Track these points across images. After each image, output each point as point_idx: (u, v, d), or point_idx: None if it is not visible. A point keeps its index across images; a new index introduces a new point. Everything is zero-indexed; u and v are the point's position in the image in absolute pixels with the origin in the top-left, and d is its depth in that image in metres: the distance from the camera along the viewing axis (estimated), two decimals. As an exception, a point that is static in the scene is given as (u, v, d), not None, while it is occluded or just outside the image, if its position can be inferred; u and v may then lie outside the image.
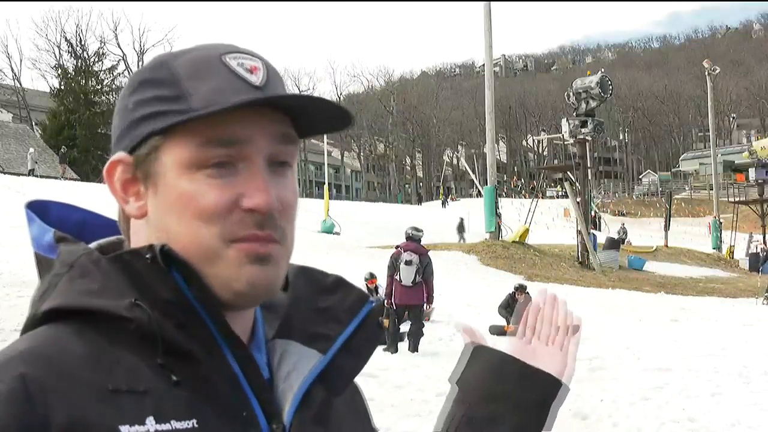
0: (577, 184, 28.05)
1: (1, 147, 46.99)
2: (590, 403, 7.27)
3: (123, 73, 67.29)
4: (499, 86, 59.97)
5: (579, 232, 26.55)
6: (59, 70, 62.87)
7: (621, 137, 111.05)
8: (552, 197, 70.54)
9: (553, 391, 0.97)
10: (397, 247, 11.17)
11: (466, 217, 36.75)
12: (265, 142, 0.75)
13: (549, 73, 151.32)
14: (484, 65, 29.28)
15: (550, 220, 48.23)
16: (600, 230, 33.85)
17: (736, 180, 59.15)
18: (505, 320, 12.73)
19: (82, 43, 65.05)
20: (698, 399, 7.54)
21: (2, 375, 0.66)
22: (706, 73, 44.54)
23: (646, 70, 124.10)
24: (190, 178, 0.74)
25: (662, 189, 73.72)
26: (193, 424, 0.70)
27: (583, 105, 28.11)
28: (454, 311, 14.02)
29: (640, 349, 10.68)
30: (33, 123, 62.32)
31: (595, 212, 35.19)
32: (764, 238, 39.40)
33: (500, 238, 26.29)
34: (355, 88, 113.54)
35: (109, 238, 0.84)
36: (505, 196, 57.28)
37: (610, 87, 28.89)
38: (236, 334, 0.75)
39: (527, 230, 27.65)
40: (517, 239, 26.73)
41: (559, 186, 67.38)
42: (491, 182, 26.65)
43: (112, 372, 0.69)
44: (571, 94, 28.64)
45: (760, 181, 43.77)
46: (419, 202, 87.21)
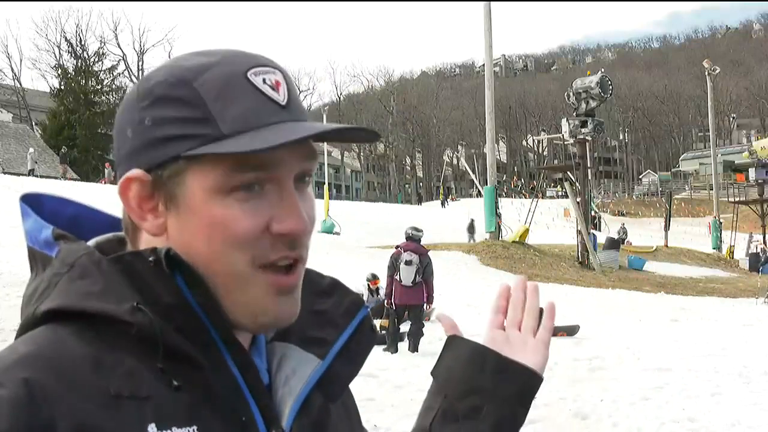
0: (577, 184, 28.04)
1: (1, 147, 46.99)
2: (590, 403, 7.27)
3: (123, 73, 67.50)
4: (499, 86, 59.97)
5: (579, 232, 26.54)
6: (59, 70, 62.94)
7: (621, 137, 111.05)
8: (552, 197, 70.51)
9: (530, 383, 0.94)
10: (397, 247, 11.17)
11: (468, 218, 36.71)
12: (295, 164, 0.74)
13: (549, 73, 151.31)
14: (484, 65, 29.27)
15: (550, 220, 48.22)
16: (600, 230, 33.83)
17: (736, 180, 59.17)
18: None
19: (82, 43, 65.16)
20: (698, 399, 7.54)
21: (5, 380, 0.64)
22: (706, 73, 44.53)
23: (646, 70, 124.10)
24: (220, 203, 0.72)
25: (662, 189, 73.72)
26: (194, 430, 0.70)
27: (583, 105, 28.11)
28: (454, 311, 14.01)
29: (640, 349, 10.68)
30: (33, 123, 62.30)
31: (595, 212, 35.17)
32: (764, 238, 39.40)
33: (500, 238, 26.29)
34: (355, 88, 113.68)
35: (106, 235, 0.82)
36: (505, 196, 57.24)
37: (610, 87, 28.88)
38: (238, 340, 0.75)
39: (527, 230, 27.64)
40: (517, 239, 26.73)
41: (559, 186, 67.34)
42: (491, 182, 26.64)
43: (114, 377, 0.68)
44: (571, 94, 28.63)
45: (760, 181, 43.76)
46: (419, 202, 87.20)
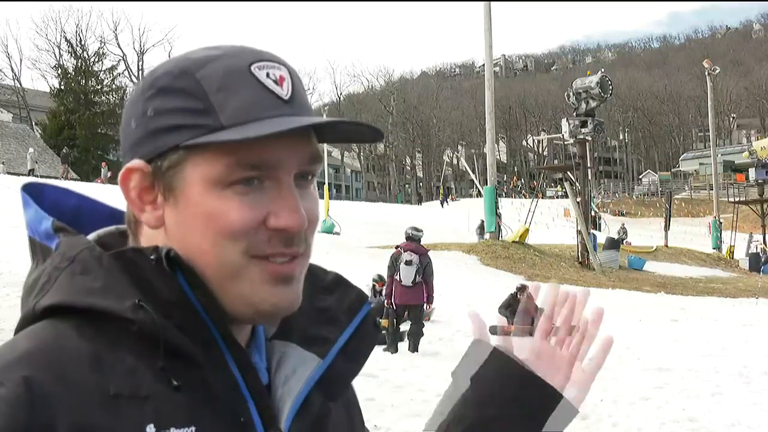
0: (577, 184, 28.04)
1: (1, 147, 47.00)
2: (590, 403, 7.26)
3: (123, 73, 67.57)
4: (499, 86, 59.96)
5: (579, 232, 26.54)
6: (59, 70, 62.95)
7: (621, 137, 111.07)
8: (552, 197, 70.55)
9: (570, 417, 0.92)
10: (397, 247, 11.17)
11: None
12: (293, 163, 0.74)
13: (549, 73, 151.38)
14: (484, 65, 29.26)
15: (550, 220, 48.20)
16: (600, 230, 33.79)
17: (736, 180, 59.19)
18: (505, 320, 12.74)
19: (82, 43, 65.19)
20: (698, 399, 7.54)
21: (5, 378, 0.64)
22: (706, 73, 44.54)
23: (646, 70, 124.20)
24: (217, 195, 0.72)
25: (662, 189, 73.78)
26: (193, 431, 0.69)
27: (583, 105, 28.10)
28: (454, 311, 14.01)
29: (641, 349, 10.68)
30: (33, 123, 62.28)
31: (595, 212, 35.13)
32: (764, 238, 39.42)
33: (500, 238, 26.28)
34: (355, 88, 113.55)
35: (107, 228, 0.82)
36: (505, 196, 57.25)
37: (610, 87, 28.88)
38: (237, 340, 0.74)
39: (527, 230, 27.63)
40: (517, 239, 26.72)
41: (559, 186, 67.41)
42: (491, 182, 26.63)
43: (113, 375, 0.68)
44: (571, 94, 28.63)
45: (760, 181, 43.80)
46: (419, 202, 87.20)
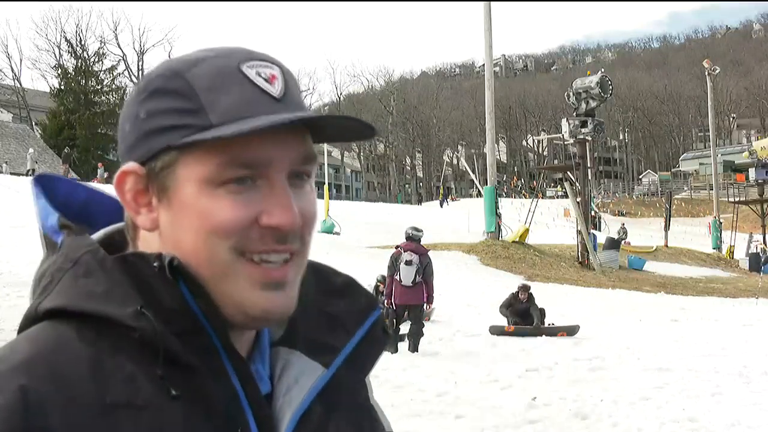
0: (577, 184, 28.05)
1: (1, 147, 47.01)
2: (590, 403, 7.26)
3: (123, 73, 67.52)
4: (499, 86, 59.93)
5: (579, 232, 26.55)
6: (59, 70, 62.92)
7: (621, 137, 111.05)
8: (552, 197, 70.53)
9: None
10: (397, 247, 11.17)
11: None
12: (286, 162, 0.73)
13: (549, 73, 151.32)
14: (484, 65, 29.27)
15: (550, 220, 48.20)
16: (600, 230, 33.77)
17: (736, 180, 59.22)
18: (506, 319, 12.76)
19: (82, 43, 65.16)
20: (698, 399, 7.53)
21: (2, 386, 0.65)
22: (706, 73, 44.56)
23: (646, 70, 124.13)
24: (209, 194, 0.71)
25: (662, 189, 73.77)
26: None
27: (583, 105, 28.12)
28: (454, 311, 14.02)
29: (641, 349, 10.68)
30: (33, 123, 62.31)
31: (595, 212, 35.11)
32: (764, 238, 39.42)
33: (500, 238, 26.28)
34: (355, 88, 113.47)
35: (116, 225, 0.82)
36: (505, 196, 57.24)
37: (610, 87, 28.89)
38: (237, 350, 0.73)
39: (527, 230, 27.63)
40: (517, 239, 26.72)
41: (559, 186, 67.39)
42: (491, 182, 26.63)
43: (111, 383, 0.68)
44: (571, 94, 28.64)
45: (760, 181, 43.84)
46: (419, 202, 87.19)
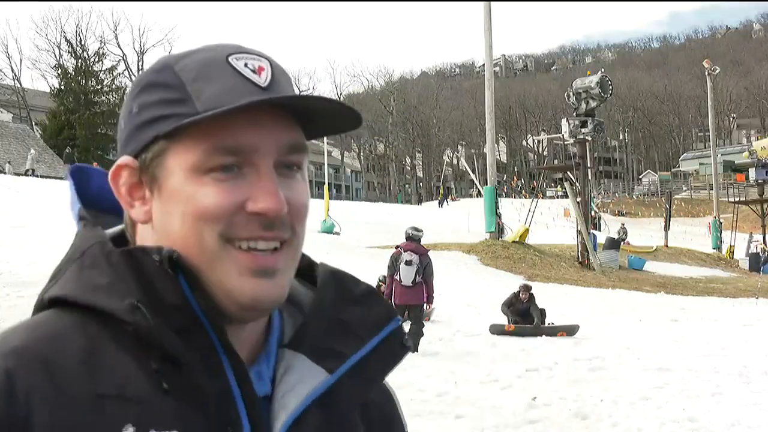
0: (577, 184, 28.04)
1: (1, 147, 47.01)
2: (590, 403, 7.26)
3: (123, 73, 67.38)
4: (499, 86, 59.93)
5: (579, 232, 26.55)
6: (59, 70, 62.85)
7: (621, 137, 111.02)
8: (552, 197, 70.52)
9: None
10: (397, 247, 11.17)
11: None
12: (272, 149, 0.73)
13: (549, 73, 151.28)
14: (484, 65, 29.26)
15: (550, 220, 48.19)
16: (600, 230, 33.77)
17: (736, 180, 59.20)
18: (506, 318, 12.75)
19: (82, 43, 65.08)
20: (698, 399, 7.53)
21: None
22: (706, 73, 44.54)
23: (646, 70, 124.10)
24: (196, 181, 0.72)
25: (662, 189, 73.76)
26: None
27: (583, 105, 28.10)
28: (454, 311, 14.01)
29: (641, 349, 10.68)
30: (33, 123, 62.27)
31: (595, 212, 35.11)
32: (764, 238, 39.41)
33: (500, 238, 26.28)
34: (355, 88, 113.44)
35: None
36: (505, 196, 57.22)
37: (610, 87, 28.88)
38: (233, 348, 0.73)
39: (527, 230, 27.62)
40: (517, 239, 26.72)
41: (559, 186, 67.37)
42: (491, 182, 26.63)
43: (103, 375, 0.68)
44: (571, 94, 28.63)
45: (760, 181, 43.82)
46: (419, 202, 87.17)
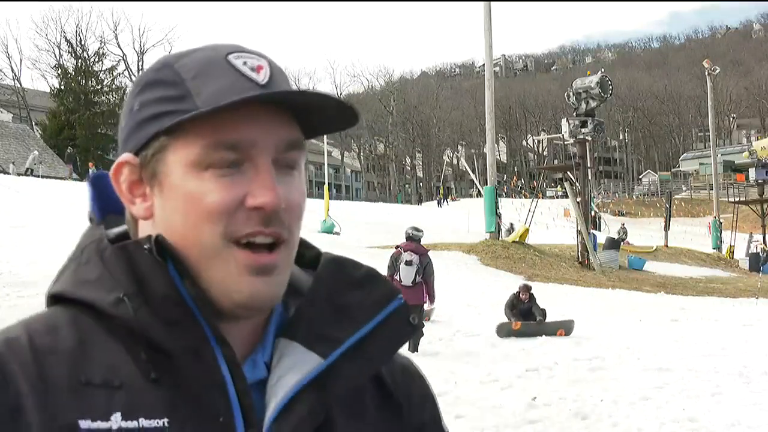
0: (577, 184, 28.03)
1: (2, 147, 47.01)
2: (590, 403, 7.26)
3: (123, 73, 67.41)
4: (499, 86, 59.91)
5: (579, 232, 26.54)
6: (59, 70, 62.87)
7: (621, 137, 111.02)
8: (552, 197, 70.53)
9: None
10: (397, 247, 11.16)
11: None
12: (270, 145, 0.74)
13: (549, 73, 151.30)
14: (484, 65, 29.24)
15: (550, 220, 48.19)
16: (600, 230, 33.76)
17: (736, 180, 59.20)
18: (509, 320, 12.58)
19: (82, 43, 65.09)
20: (698, 399, 7.53)
21: None
22: (706, 73, 44.52)
23: (646, 70, 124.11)
24: (196, 177, 0.73)
25: (662, 189, 73.76)
26: (164, 423, 0.69)
27: (583, 105, 28.09)
28: (454, 311, 14.00)
29: (641, 349, 10.67)
30: (33, 123, 62.26)
31: (595, 212, 35.10)
32: (764, 238, 39.40)
33: (500, 238, 26.27)
34: (355, 88, 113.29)
35: None
36: (505, 196, 57.23)
37: (610, 87, 28.86)
38: (224, 336, 0.73)
39: (527, 230, 27.61)
40: (517, 239, 26.71)
41: (559, 186, 67.37)
42: (491, 182, 26.60)
43: (91, 364, 0.70)
44: (571, 94, 28.62)
45: (760, 181, 43.80)
46: (419, 202, 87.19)
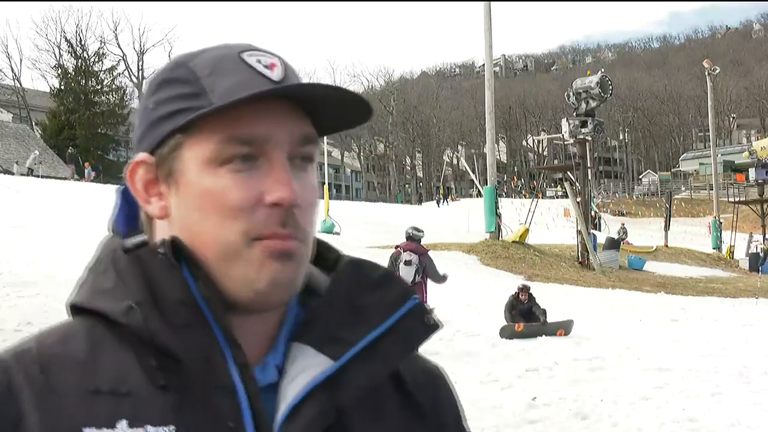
0: (577, 184, 28.02)
1: (2, 147, 47.01)
2: (590, 403, 7.26)
3: (123, 73, 67.52)
4: (499, 86, 59.90)
5: (579, 232, 26.53)
6: (59, 70, 62.89)
7: (621, 137, 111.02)
8: (552, 197, 70.53)
9: None
10: (396, 247, 11.18)
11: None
12: (285, 140, 0.75)
13: (549, 73, 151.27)
14: (484, 65, 29.24)
15: (550, 220, 48.19)
16: (600, 230, 33.73)
17: (736, 180, 59.20)
18: (511, 324, 12.46)
19: (82, 43, 65.11)
20: (698, 399, 7.53)
21: None
22: (706, 73, 44.51)
23: (646, 70, 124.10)
24: (212, 173, 0.73)
25: (662, 189, 73.75)
26: (171, 430, 0.69)
27: (583, 105, 28.08)
28: (454, 311, 14.00)
29: (641, 349, 10.66)
30: (33, 123, 62.26)
31: (595, 212, 35.08)
32: (764, 238, 39.40)
33: (500, 238, 26.26)
34: (355, 88, 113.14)
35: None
36: (505, 196, 57.23)
37: (610, 87, 28.85)
38: (237, 341, 0.73)
39: (527, 230, 27.60)
40: (517, 239, 26.70)
41: (559, 186, 67.38)
42: (491, 182, 26.60)
43: (99, 372, 0.70)
44: (571, 94, 28.61)
45: (760, 181, 43.80)
46: (419, 202, 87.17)
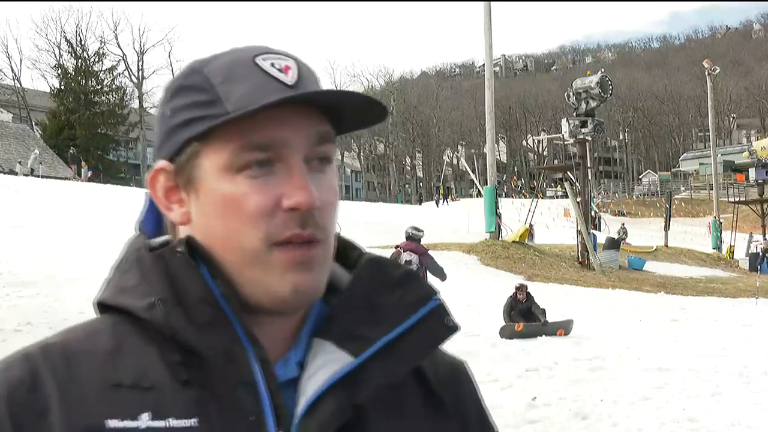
0: (577, 184, 28.02)
1: (2, 147, 47.01)
2: (590, 403, 7.26)
3: (123, 73, 67.44)
4: (499, 86, 59.90)
5: (579, 232, 26.53)
6: (59, 70, 62.94)
7: (621, 137, 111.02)
8: (552, 197, 70.53)
9: None
10: (396, 247, 11.17)
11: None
12: (301, 143, 0.75)
13: (549, 73, 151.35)
14: (484, 65, 29.24)
15: (550, 220, 48.18)
16: (600, 230, 33.71)
17: (736, 180, 59.18)
18: (510, 324, 12.46)
19: (82, 43, 65.14)
20: (698, 399, 7.53)
21: (16, 362, 0.73)
22: (706, 73, 44.51)
23: (646, 70, 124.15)
24: (230, 180, 0.74)
25: (662, 189, 73.75)
26: (193, 423, 0.70)
27: (583, 105, 28.08)
28: (454, 311, 13.95)
29: (641, 349, 10.66)
30: (33, 123, 62.24)
31: (595, 212, 35.07)
32: (764, 238, 39.39)
33: (500, 238, 26.26)
34: (355, 88, 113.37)
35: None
36: (505, 196, 57.21)
37: (610, 87, 28.84)
38: (256, 336, 0.74)
39: (527, 230, 27.59)
40: (517, 239, 26.70)
41: (559, 186, 67.39)
42: (491, 182, 26.59)
43: (124, 367, 0.72)
44: (571, 94, 28.60)
45: (760, 181, 43.80)
46: (419, 202, 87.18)
